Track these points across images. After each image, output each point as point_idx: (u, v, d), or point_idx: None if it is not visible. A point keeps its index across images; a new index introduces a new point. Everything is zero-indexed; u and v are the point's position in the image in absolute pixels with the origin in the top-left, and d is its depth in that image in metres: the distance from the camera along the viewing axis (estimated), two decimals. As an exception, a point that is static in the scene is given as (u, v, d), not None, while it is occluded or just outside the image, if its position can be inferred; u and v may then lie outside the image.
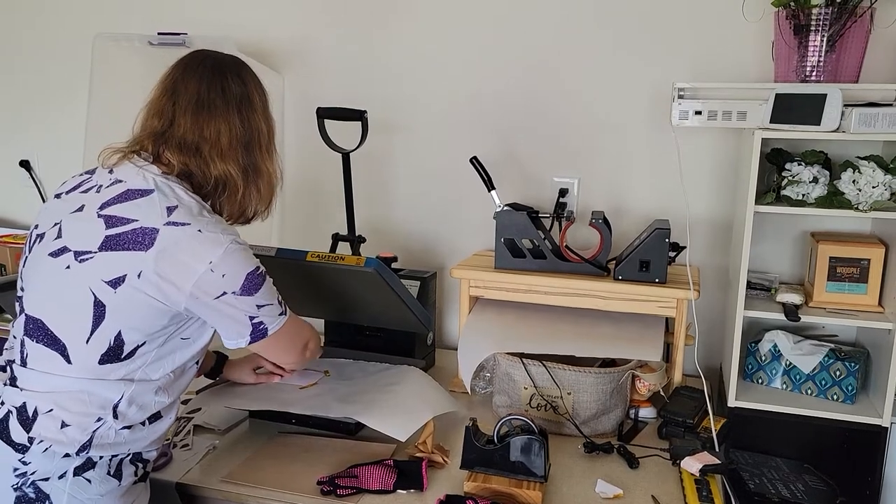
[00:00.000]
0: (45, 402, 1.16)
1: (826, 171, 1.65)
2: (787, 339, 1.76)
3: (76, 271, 1.17)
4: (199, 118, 1.24)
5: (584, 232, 1.98)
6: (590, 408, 1.58)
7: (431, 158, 2.16)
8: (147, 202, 1.18)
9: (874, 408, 1.66)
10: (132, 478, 1.24)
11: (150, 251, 1.15)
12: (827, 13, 1.59)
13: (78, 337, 1.16)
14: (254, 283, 1.22)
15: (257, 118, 1.30)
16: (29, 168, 2.54)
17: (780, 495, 1.68)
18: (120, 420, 1.19)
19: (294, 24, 2.20)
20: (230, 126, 1.26)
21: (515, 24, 2.02)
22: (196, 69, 1.27)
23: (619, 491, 1.37)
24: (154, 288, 1.15)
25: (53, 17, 2.44)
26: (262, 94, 1.33)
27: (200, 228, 1.17)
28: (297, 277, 1.65)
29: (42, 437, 1.15)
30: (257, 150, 1.30)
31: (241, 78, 1.29)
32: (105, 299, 1.15)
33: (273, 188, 1.37)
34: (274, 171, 1.36)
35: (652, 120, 1.95)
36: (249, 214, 1.35)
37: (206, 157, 1.24)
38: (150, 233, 1.15)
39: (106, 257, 1.16)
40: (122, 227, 1.16)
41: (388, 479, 1.36)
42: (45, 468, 1.15)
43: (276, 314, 1.28)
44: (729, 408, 1.69)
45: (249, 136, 1.29)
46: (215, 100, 1.25)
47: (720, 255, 1.97)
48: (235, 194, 1.29)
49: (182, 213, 1.18)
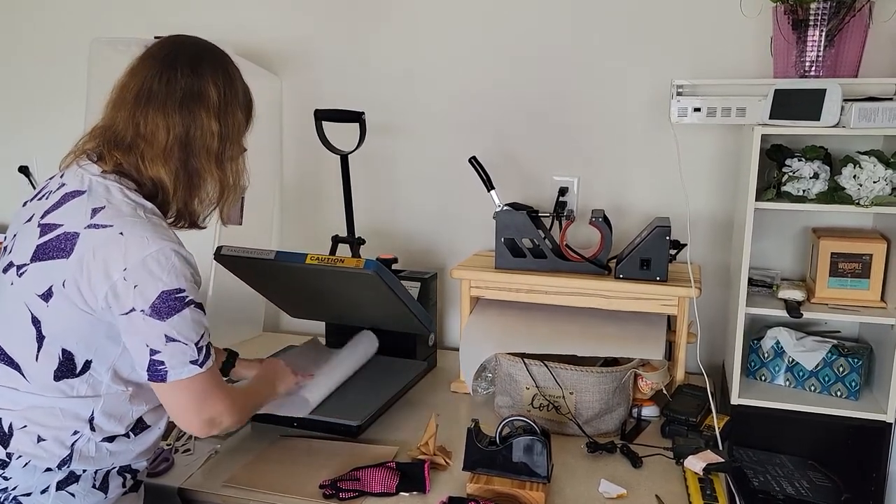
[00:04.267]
0: (18, 418, 1.12)
1: (826, 167, 1.64)
2: (790, 335, 1.75)
3: (17, 287, 1.11)
4: (137, 112, 1.12)
5: (585, 231, 1.97)
6: (592, 407, 1.58)
7: (430, 159, 2.15)
8: (76, 205, 1.10)
9: (878, 403, 1.65)
10: (120, 489, 1.20)
11: (70, 258, 1.06)
12: (825, 8, 1.58)
13: (27, 356, 1.11)
14: (167, 306, 1.06)
15: (205, 116, 1.14)
16: (28, 173, 2.54)
17: (784, 493, 1.68)
18: (98, 432, 1.14)
19: (291, 26, 2.20)
20: (169, 123, 1.12)
21: (513, 23, 2.01)
22: (150, 57, 1.15)
23: (623, 490, 1.36)
24: (79, 297, 1.07)
25: (50, 21, 2.44)
26: (225, 90, 1.16)
27: (123, 231, 1.06)
28: (297, 280, 1.65)
29: (20, 452, 1.11)
30: (201, 152, 1.15)
31: (196, 70, 1.14)
32: (39, 315, 1.09)
33: (224, 195, 1.21)
34: (226, 176, 1.19)
35: (651, 117, 1.94)
36: (195, 219, 1.22)
37: (140, 156, 1.12)
38: (71, 238, 1.07)
39: (37, 269, 1.09)
40: (50, 234, 1.09)
41: (391, 481, 1.36)
42: (26, 483, 1.11)
43: (187, 360, 1.09)
44: (732, 405, 1.68)
45: (192, 136, 1.13)
46: (157, 93, 1.12)
47: (721, 252, 1.97)
48: (167, 198, 1.16)
49: (107, 215, 1.07)
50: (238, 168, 1.23)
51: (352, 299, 1.67)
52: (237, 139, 1.21)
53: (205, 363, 1.12)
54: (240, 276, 1.72)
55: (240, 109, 1.20)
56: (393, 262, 1.93)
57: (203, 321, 1.13)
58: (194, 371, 1.11)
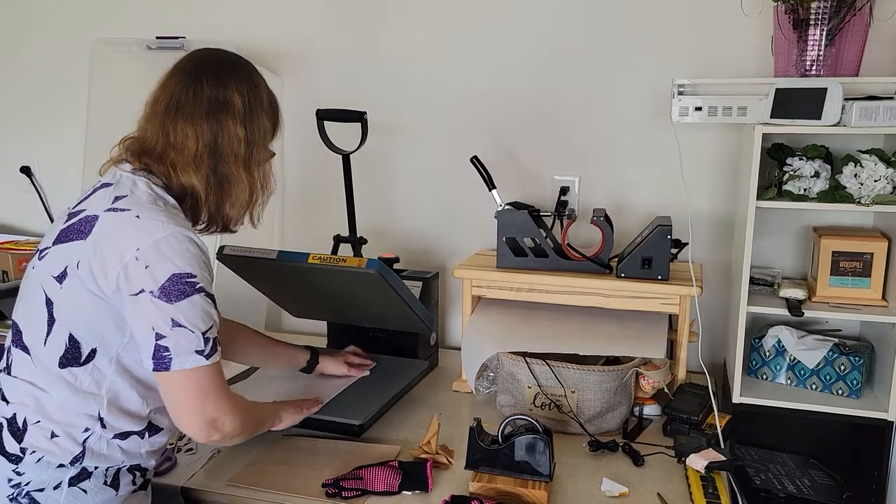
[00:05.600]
0: (32, 413, 1.14)
1: (827, 166, 1.65)
2: (791, 334, 1.75)
3: (37, 269, 1.15)
4: (166, 123, 1.17)
5: (586, 230, 1.97)
6: (594, 406, 1.58)
7: (432, 158, 2.16)
8: (101, 193, 1.16)
9: (879, 402, 1.65)
10: (130, 486, 1.21)
11: (88, 239, 1.10)
12: (826, 7, 1.58)
13: (37, 339, 1.14)
14: (177, 290, 1.08)
15: (232, 124, 1.18)
16: (30, 174, 2.54)
17: (786, 491, 1.68)
18: (109, 429, 1.16)
19: (293, 26, 2.20)
20: (198, 131, 1.16)
21: (514, 22, 2.01)
22: (178, 71, 1.21)
23: (625, 489, 1.36)
24: (91, 279, 1.09)
25: (51, 23, 2.44)
26: (250, 97, 1.21)
27: (139, 214, 1.10)
28: (300, 280, 1.65)
29: (34, 447, 1.13)
30: (229, 157, 1.19)
31: (220, 80, 1.19)
32: (53, 296, 1.12)
33: (253, 198, 1.25)
34: (254, 180, 1.24)
35: (652, 116, 1.94)
36: (227, 223, 1.27)
37: (171, 165, 1.17)
38: (91, 220, 1.11)
39: (56, 251, 1.13)
40: (73, 219, 1.14)
41: (393, 480, 1.36)
42: (39, 478, 1.13)
43: (192, 349, 1.09)
44: (734, 404, 1.68)
45: (220, 142, 1.18)
46: (185, 104, 1.17)
47: (722, 251, 1.97)
48: (199, 203, 1.20)
49: (127, 201, 1.12)
50: (266, 172, 1.28)
51: (354, 299, 1.67)
52: (264, 144, 1.25)
53: (211, 356, 1.12)
54: (242, 275, 1.72)
55: (265, 115, 1.25)
56: (395, 262, 1.94)
57: (212, 313, 1.13)
58: (199, 362, 1.10)
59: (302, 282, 1.66)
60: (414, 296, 1.69)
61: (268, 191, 1.29)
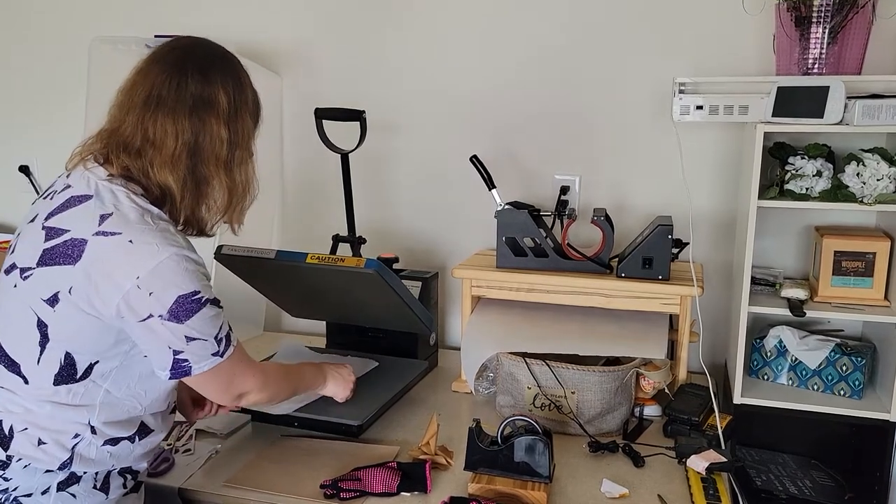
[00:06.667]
0: (19, 421, 1.11)
1: (830, 165, 1.64)
2: (793, 334, 1.74)
3: (21, 290, 1.10)
4: (145, 117, 1.10)
5: (586, 230, 1.96)
6: (594, 407, 1.57)
7: (431, 158, 2.15)
8: (82, 210, 1.09)
9: (881, 402, 1.64)
10: (121, 490, 1.20)
11: (77, 265, 1.05)
12: (828, 5, 1.57)
13: (29, 358, 1.11)
14: (185, 309, 1.07)
15: (216, 124, 1.13)
16: (28, 173, 2.53)
17: (787, 492, 1.67)
18: (99, 435, 1.14)
19: (292, 25, 2.19)
20: (178, 129, 1.11)
21: (514, 22, 2.00)
22: (160, 61, 1.13)
23: (625, 490, 1.36)
24: (87, 303, 1.06)
25: (50, 21, 2.44)
26: (235, 97, 1.16)
27: (132, 238, 1.06)
28: (298, 280, 1.64)
29: (20, 454, 1.10)
30: (209, 158, 1.14)
31: (206, 75, 1.13)
32: (46, 319, 1.08)
33: (232, 202, 1.20)
34: (234, 184, 1.18)
35: (653, 115, 1.94)
36: (203, 226, 1.21)
37: (148, 162, 1.11)
38: (79, 244, 1.06)
39: (43, 273, 1.08)
40: (57, 239, 1.08)
41: (392, 481, 1.35)
42: (27, 484, 1.11)
43: (209, 353, 1.12)
44: (735, 405, 1.68)
45: (201, 143, 1.12)
46: (167, 98, 1.10)
47: (724, 250, 1.96)
48: (175, 205, 1.14)
49: (115, 222, 1.07)
50: (247, 175, 1.22)
51: (353, 299, 1.67)
52: (246, 145, 1.20)
53: (225, 352, 1.15)
54: (240, 275, 1.72)
55: (249, 116, 1.20)
56: (394, 262, 1.93)
57: (220, 315, 1.14)
58: (216, 361, 1.14)
59: (300, 282, 1.65)
60: (413, 296, 1.68)
61: (250, 195, 1.24)
